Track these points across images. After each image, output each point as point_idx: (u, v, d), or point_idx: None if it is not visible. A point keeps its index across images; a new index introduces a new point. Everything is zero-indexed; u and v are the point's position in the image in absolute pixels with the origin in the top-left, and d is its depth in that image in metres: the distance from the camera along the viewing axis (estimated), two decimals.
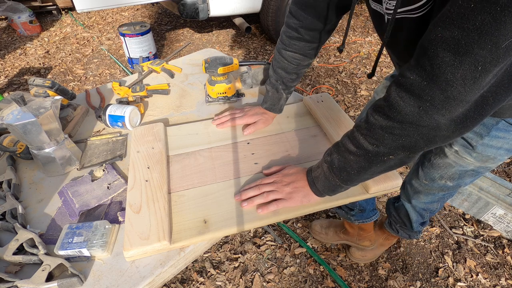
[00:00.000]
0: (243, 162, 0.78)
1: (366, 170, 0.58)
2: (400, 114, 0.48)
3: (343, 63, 2.79)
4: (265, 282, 1.31)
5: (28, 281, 0.53)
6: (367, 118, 0.55)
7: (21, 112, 0.68)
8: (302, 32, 0.77)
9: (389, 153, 0.53)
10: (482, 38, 0.37)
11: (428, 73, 0.44)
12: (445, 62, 0.41)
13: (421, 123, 0.47)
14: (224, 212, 0.66)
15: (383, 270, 1.36)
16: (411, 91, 0.46)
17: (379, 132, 0.52)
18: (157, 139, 0.82)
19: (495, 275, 1.34)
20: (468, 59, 0.39)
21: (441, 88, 0.43)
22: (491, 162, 0.73)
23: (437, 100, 0.44)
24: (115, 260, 0.59)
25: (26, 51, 3.05)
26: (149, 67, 1.19)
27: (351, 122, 0.87)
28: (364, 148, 0.55)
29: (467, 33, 0.38)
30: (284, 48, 0.82)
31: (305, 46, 0.80)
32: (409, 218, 1.06)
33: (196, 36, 3.35)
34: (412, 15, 0.52)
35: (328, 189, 0.64)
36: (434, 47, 0.42)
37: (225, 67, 0.95)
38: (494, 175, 1.45)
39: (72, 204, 0.69)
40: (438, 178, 0.84)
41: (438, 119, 0.45)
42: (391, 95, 0.50)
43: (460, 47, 0.39)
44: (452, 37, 0.39)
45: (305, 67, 0.87)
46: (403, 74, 0.47)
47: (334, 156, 0.61)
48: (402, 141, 0.51)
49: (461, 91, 0.42)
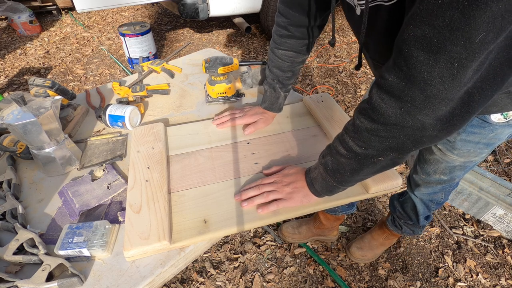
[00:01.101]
0: (243, 162, 0.78)
1: (358, 171, 0.58)
2: (383, 116, 0.48)
3: (343, 63, 2.79)
4: (265, 282, 1.31)
5: (28, 281, 0.53)
6: (354, 121, 0.54)
7: (21, 112, 0.68)
8: (292, 30, 0.78)
9: (378, 155, 0.53)
10: (454, 34, 0.36)
11: (405, 73, 0.43)
12: (420, 61, 0.40)
13: (405, 124, 0.46)
14: (224, 212, 0.66)
15: (383, 270, 1.36)
16: (391, 93, 0.46)
17: (365, 134, 0.52)
18: (157, 139, 0.82)
19: (495, 275, 1.35)
20: (442, 56, 0.39)
21: (420, 87, 0.42)
22: (473, 156, 0.77)
23: (418, 100, 0.43)
24: (115, 260, 0.59)
25: (26, 51, 3.05)
26: (149, 67, 1.19)
27: None
28: (353, 151, 0.55)
29: (438, 31, 0.37)
30: (276, 47, 0.83)
31: (296, 43, 0.80)
32: (416, 211, 1.07)
33: (196, 36, 3.35)
34: (385, 2, 0.51)
35: (326, 190, 0.65)
36: (407, 46, 0.41)
37: (225, 67, 0.95)
38: (494, 175, 1.45)
39: (72, 204, 0.69)
40: (432, 172, 0.88)
41: (422, 119, 0.45)
42: (373, 97, 0.49)
43: (433, 45, 0.39)
44: (424, 35, 0.39)
45: (300, 64, 0.86)
46: (382, 75, 0.47)
47: (327, 158, 0.61)
48: (389, 143, 0.50)
49: (441, 89, 0.41)
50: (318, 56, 2.93)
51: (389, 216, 1.24)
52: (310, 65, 2.79)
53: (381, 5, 0.51)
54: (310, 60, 2.86)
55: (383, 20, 0.54)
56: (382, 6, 0.51)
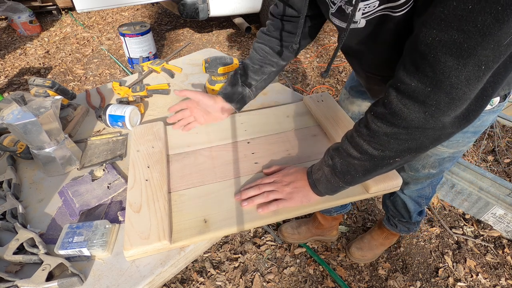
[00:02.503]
0: (243, 161, 0.78)
1: (371, 172, 0.58)
2: (406, 121, 0.48)
3: (343, 63, 2.79)
4: (265, 282, 1.31)
5: (28, 281, 0.53)
6: (369, 125, 0.54)
7: (21, 112, 0.68)
8: (272, 31, 0.82)
9: (395, 156, 0.53)
10: (485, 39, 0.36)
11: (431, 79, 0.43)
12: (448, 66, 0.40)
13: (427, 126, 0.47)
14: (224, 212, 0.66)
15: (383, 270, 1.36)
16: (415, 98, 0.45)
17: (383, 138, 0.52)
18: (157, 138, 0.82)
19: (495, 275, 1.35)
20: (472, 61, 0.39)
21: (446, 91, 0.42)
22: (462, 145, 0.79)
23: (443, 103, 0.44)
24: (115, 260, 0.59)
25: (26, 51, 3.05)
26: (149, 67, 1.19)
27: (351, 121, 0.87)
28: (369, 153, 0.55)
29: (468, 36, 0.37)
30: (256, 40, 0.86)
31: (272, 40, 0.82)
32: (407, 209, 1.08)
33: (196, 36, 3.35)
34: (393, 13, 0.50)
35: (330, 190, 0.65)
36: (433, 51, 0.41)
37: (225, 67, 0.95)
38: (494, 175, 1.45)
39: (72, 203, 0.69)
40: (421, 168, 0.89)
41: (444, 119, 0.45)
42: (392, 102, 0.48)
43: (463, 50, 0.38)
44: (453, 40, 0.38)
45: (272, 64, 0.84)
46: (402, 80, 0.46)
47: (336, 161, 0.61)
48: (408, 145, 0.50)
49: (466, 91, 0.42)
50: (318, 56, 2.93)
51: (385, 215, 1.25)
52: (310, 65, 2.79)
53: (388, 16, 0.50)
54: (310, 60, 2.86)
55: (389, 31, 0.53)
56: (388, 17, 0.50)
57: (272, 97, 1.05)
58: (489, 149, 1.91)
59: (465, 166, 1.48)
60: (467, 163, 1.49)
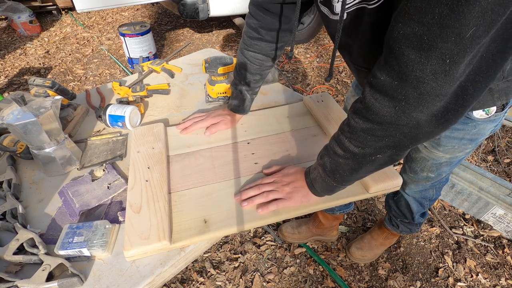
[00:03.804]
0: (243, 162, 0.78)
1: (357, 170, 0.57)
2: (378, 116, 0.48)
3: (343, 63, 2.79)
4: (265, 282, 1.31)
5: (28, 281, 0.53)
6: (349, 121, 0.54)
7: (21, 112, 0.68)
8: (262, 33, 0.77)
9: (376, 153, 0.53)
10: (444, 31, 0.36)
11: (397, 72, 0.43)
12: (412, 59, 0.40)
13: (400, 122, 0.46)
14: (224, 212, 0.66)
15: (383, 270, 1.36)
16: (384, 92, 0.46)
17: (361, 134, 0.52)
18: (157, 139, 0.82)
19: (495, 275, 1.35)
20: (434, 54, 0.38)
21: (413, 85, 0.42)
22: (458, 151, 0.78)
23: (411, 98, 0.43)
24: (115, 260, 0.59)
25: (26, 51, 3.05)
26: (149, 67, 1.19)
27: None
28: (351, 151, 0.55)
29: (427, 28, 0.37)
30: (246, 48, 0.81)
31: (266, 46, 0.79)
32: (410, 209, 1.08)
33: (196, 36, 3.35)
34: (368, 5, 0.50)
35: (326, 190, 0.65)
36: (398, 45, 0.41)
37: (225, 67, 0.95)
38: (494, 175, 1.45)
39: (72, 204, 0.69)
40: (419, 170, 0.89)
41: (417, 116, 0.45)
42: (366, 97, 0.49)
43: (423, 43, 0.38)
44: (413, 33, 0.38)
45: (268, 68, 0.85)
46: (374, 74, 0.47)
47: (325, 159, 0.61)
48: (385, 142, 0.50)
49: (434, 86, 0.41)
50: (318, 56, 2.93)
51: (386, 215, 1.25)
52: (310, 65, 2.79)
53: (364, 9, 0.51)
54: (310, 60, 2.86)
55: (367, 24, 0.53)
56: (365, 9, 0.51)
57: (272, 97, 1.05)
58: (489, 149, 1.91)
59: (465, 166, 1.48)
60: (467, 163, 1.49)
